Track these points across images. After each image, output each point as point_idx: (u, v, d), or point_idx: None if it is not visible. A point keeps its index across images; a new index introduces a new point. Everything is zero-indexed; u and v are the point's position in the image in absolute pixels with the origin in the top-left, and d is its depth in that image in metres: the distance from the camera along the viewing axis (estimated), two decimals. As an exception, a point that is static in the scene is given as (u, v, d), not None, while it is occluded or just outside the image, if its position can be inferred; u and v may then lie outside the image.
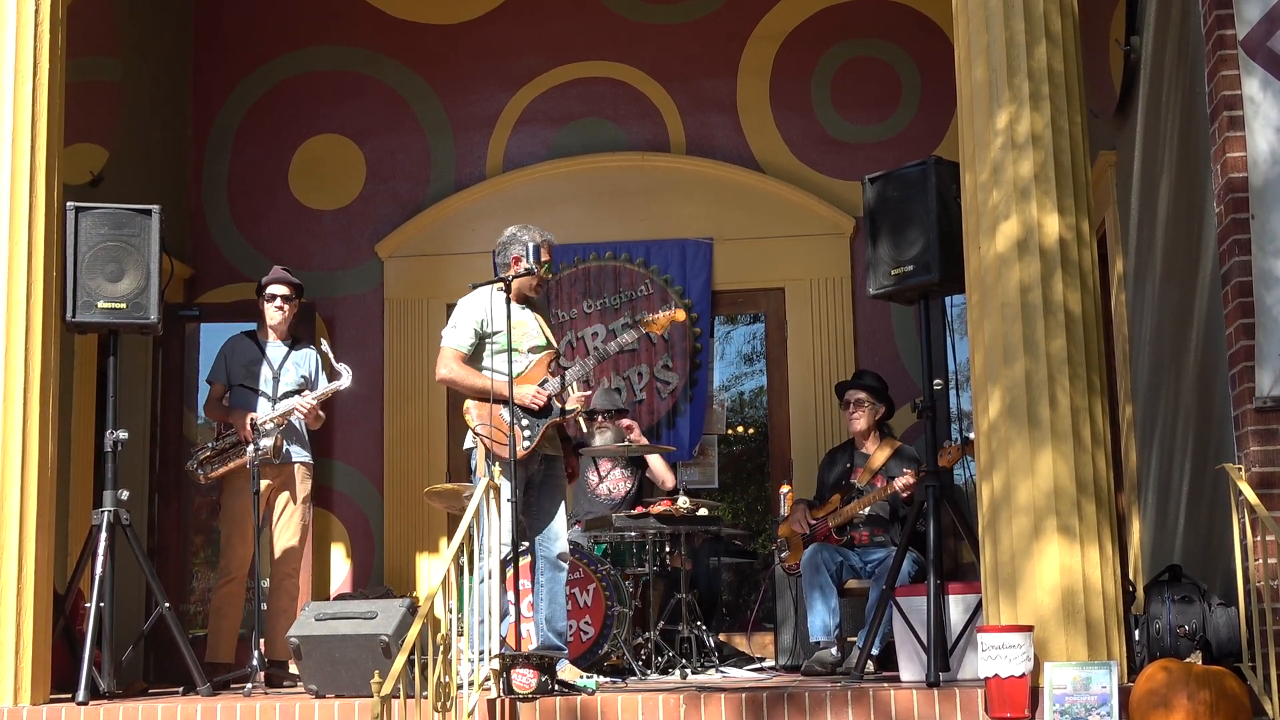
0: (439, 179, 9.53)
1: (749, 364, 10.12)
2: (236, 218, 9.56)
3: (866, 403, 7.39)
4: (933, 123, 8.98)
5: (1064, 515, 5.18)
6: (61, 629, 6.27)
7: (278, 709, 5.55)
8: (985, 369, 5.41)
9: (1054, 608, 5.13)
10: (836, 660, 6.81)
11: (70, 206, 6.37)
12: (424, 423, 9.22)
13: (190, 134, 9.63)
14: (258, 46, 9.66)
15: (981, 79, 5.52)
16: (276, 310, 7.31)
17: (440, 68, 9.58)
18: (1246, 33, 5.55)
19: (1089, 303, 5.37)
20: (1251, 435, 5.40)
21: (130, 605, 7.85)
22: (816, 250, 9.14)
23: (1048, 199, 5.37)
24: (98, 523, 6.32)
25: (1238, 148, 5.52)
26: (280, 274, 7.38)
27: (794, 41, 9.41)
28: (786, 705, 5.25)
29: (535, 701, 5.34)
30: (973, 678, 5.53)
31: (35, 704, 5.79)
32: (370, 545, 9.17)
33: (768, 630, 8.21)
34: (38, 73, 6.12)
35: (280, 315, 7.31)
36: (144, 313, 6.44)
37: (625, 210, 9.30)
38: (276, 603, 7.21)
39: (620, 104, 9.47)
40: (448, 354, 6.39)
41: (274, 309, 7.31)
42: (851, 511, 7.20)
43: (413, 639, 4.89)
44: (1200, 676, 4.85)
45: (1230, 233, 5.52)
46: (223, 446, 7.13)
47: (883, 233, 6.17)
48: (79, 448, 7.85)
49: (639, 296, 9.18)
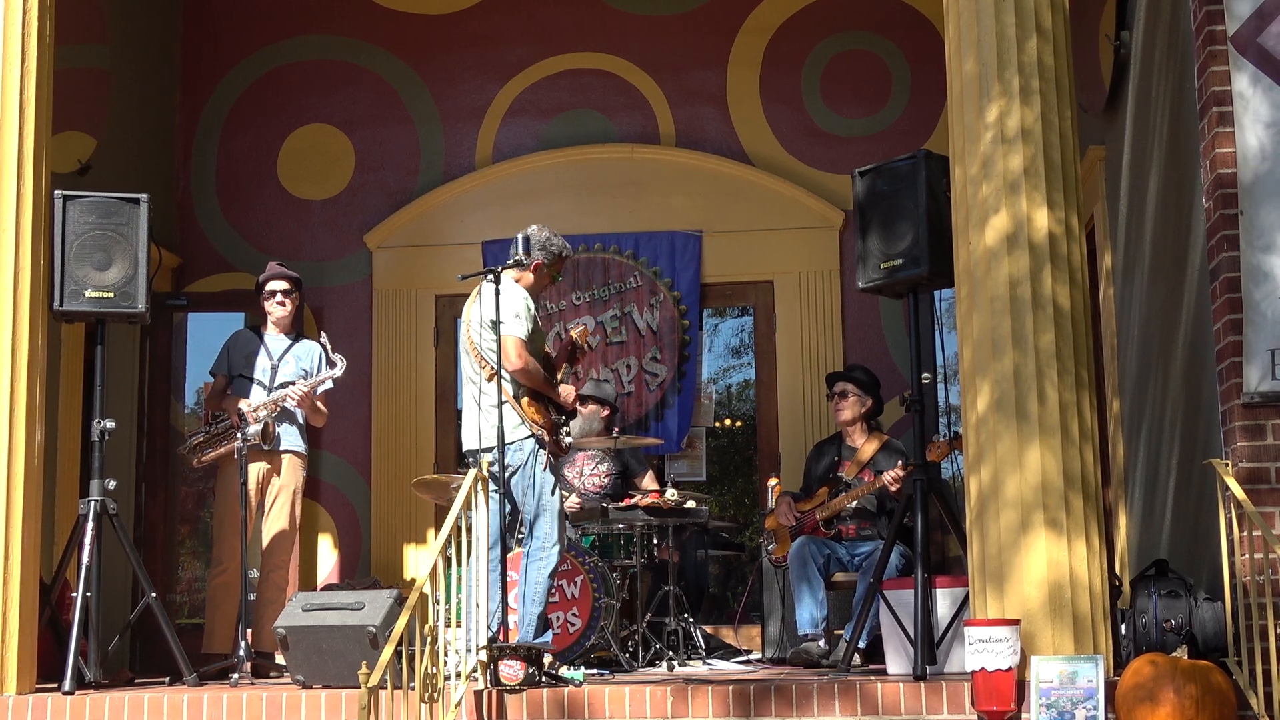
0: (428, 170, 9.52)
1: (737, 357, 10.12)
2: (225, 207, 9.54)
3: (853, 394, 7.39)
4: (923, 116, 8.98)
5: (1051, 509, 5.19)
6: (48, 619, 6.25)
7: (264, 699, 5.55)
8: (974, 363, 5.42)
9: (1041, 601, 5.14)
10: (823, 653, 6.82)
11: (58, 195, 6.35)
12: (412, 413, 9.21)
13: (179, 123, 9.60)
14: (247, 35, 9.63)
15: (972, 73, 5.52)
16: (278, 305, 7.37)
17: (430, 58, 9.56)
18: (1236, 28, 5.56)
19: (1078, 297, 5.38)
20: (1239, 430, 5.41)
21: (117, 595, 7.83)
22: (806, 243, 9.14)
23: (1037, 193, 5.37)
24: (84, 512, 6.31)
25: (1227, 143, 5.53)
26: (278, 270, 7.42)
27: (784, 34, 9.40)
28: (773, 697, 5.26)
29: (522, 693, 5.34)
30: (959, 671, 5.54)
31: (21, 694, 5.78)
32: (357, 536, 9.17)
33: (755, 623, 8.22)
34: (26, 60, 6.10)
35: (282, 310, 7.37)
36: (132, 302, 6.43)
37: (614, 202, 9.29)
38: (265, 593, 7.20)
39: (610, 95, 9.46)
40: (520, 344, 6.26)
41: (275, 305, 7.37)
42: (839, 505, 7.20)
43: (400, 630, 4.89)
44: (1187, 671, 4.87)
45: (1219, 228, 5.53)
46: (215, 432, 7.15)
47: (872, 226, 6.17)
48: (66, 437, 7.84)
49: (628, 288, 9.18)
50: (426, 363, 9.29)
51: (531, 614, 6.16)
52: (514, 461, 6.24)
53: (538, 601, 6.18)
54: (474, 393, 6.38)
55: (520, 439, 6.25)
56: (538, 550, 6.23)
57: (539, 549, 6.23)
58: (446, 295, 9.22)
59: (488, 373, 6.28)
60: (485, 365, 6.31)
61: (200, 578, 8.95)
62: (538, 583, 6.20)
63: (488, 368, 6.28)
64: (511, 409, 6.23)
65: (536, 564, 6.22)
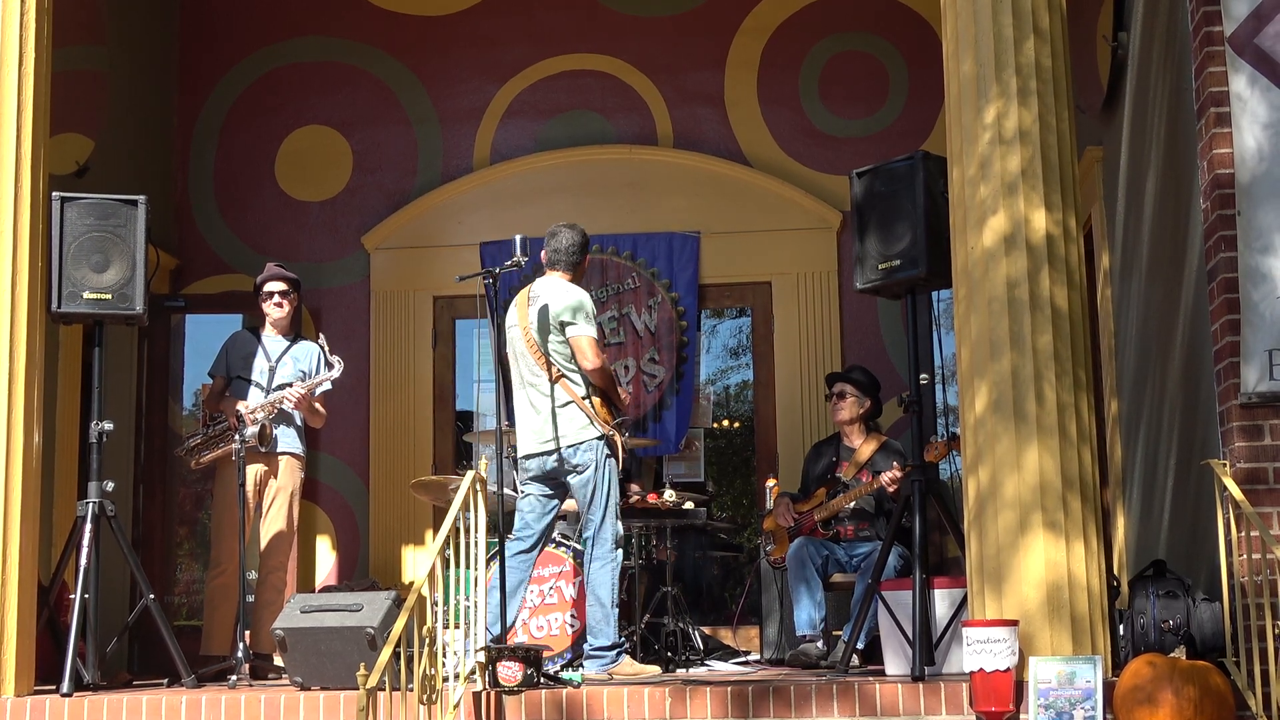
0: (426, 171, 9.51)
1: (735, 358, 10.11)
2: (222, 209, 9.53)
3: (851, 395, 7.39)
4: (921, 117, 8.98)
5: (1050, 510, 5.19)
6: (46, 621, 6.24)
7: (262, 701, 5.54)
8: (972, 364, 5.42)
9: (1039, 602, 5.14)
10: (822, 654, 6.82)
11: (55, 196, 6.34)
12: (410, 415, 9.21)
13: (176, 124, 9.60)
14: (245, 37, 9.63)
15: (970, 74, 5.52)
16: (276, 307, 7.36)
17: (428, 59, 9.56)
18: (1234, 29, 5.56)
19: (1076, 298, 5.38)
20: (1236, 431, 5.42)
21: (115, 597, 7.83)
22: (803, 244, 9.14)
23: (1035, 194, 5.38)
24: (82, 514, 6.30)
25: (1224, 144, 5.53)
26: (276, 271, 7.41)
27: (782, 35, 9.40)
28: (772, 698, 5.26)
29: (521, 694, 5.34)
30: (958, 672, 5.53)
31: (19, 695, 5.78)
32: (355, 537, 9.16)
33: (753, 624, 8.21)
34: (23, 62, 6.10)
35: (280, 311, 7.37)
36: (129, 303, 6.42)
37: (612, 203, 9.28)
38: (263, 595, 7.20)
39: (608, 97, 9.46)
40: (594, 343, 6.30)
41: (273, 306, 7.36)
42: (837, 505, 7.20)
43: (398, 631, 4.89)
44: (1185, 672, 4.87)
45: (1216, 229, 5.53)
46: (213, 434, 7.14)
47: (870, 227, 6.17)
48: (64, 439, 7.83)
49: (625, 289, 9.18)
50: (424, 364, 9.28)
51: (612, 615, 6.22)
52: (583, 462, 6.24)
53: (613, 601, 6.23)
54: (532, 395, 6.36)
55: (590, 439, 6.25)
56: (607, 553, 6.26)
57: (608, 551, 6.27)
58: (444, 297, 9.22)
59: (553, 374, 6.28)
60: (549, 367, 6.30)
61: (198, 579, 8.93)
62: (612, 584, 6.23)
63: (552, 369, 6.29)
64: (579, 409, 6.24)
65: (608, 565, 6.25)
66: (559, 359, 6.27)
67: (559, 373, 6.26)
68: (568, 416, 6.25)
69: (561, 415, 6.24)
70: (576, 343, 6.24)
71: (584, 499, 6.28)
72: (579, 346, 6.24)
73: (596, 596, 6.25)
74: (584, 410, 6.24)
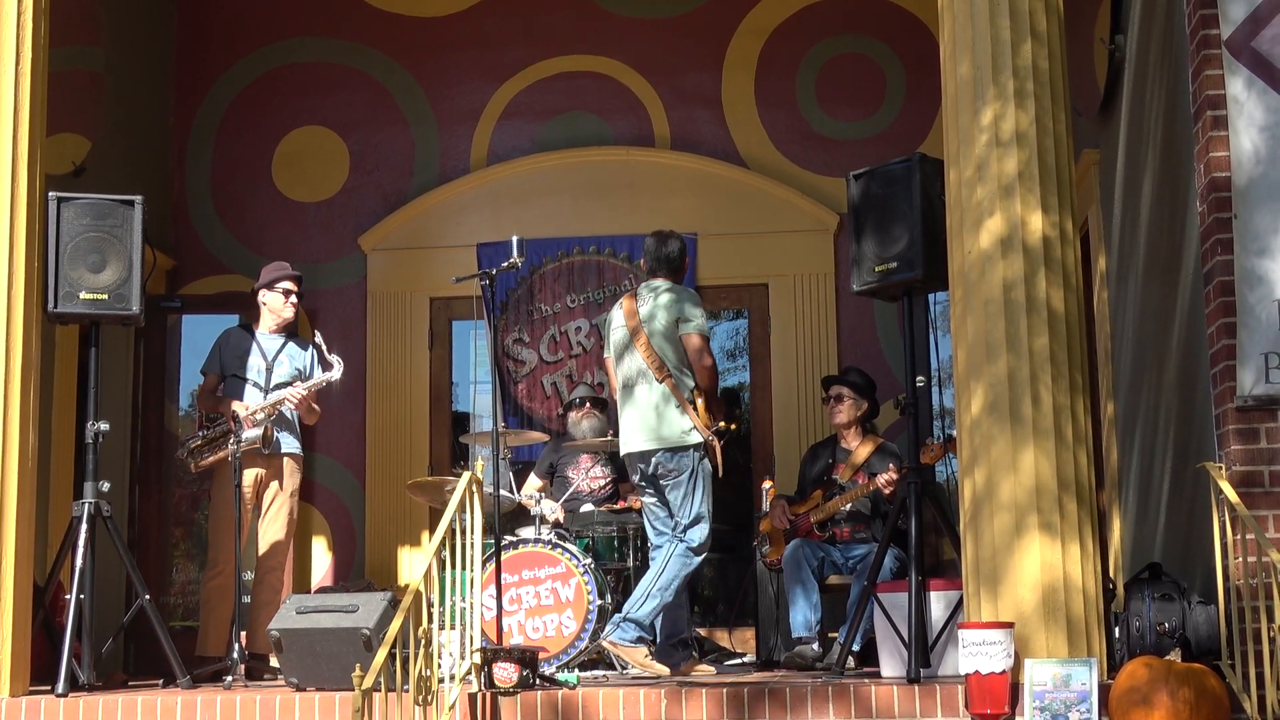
0: (423, 172, 9.51)
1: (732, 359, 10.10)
2: (219, 209, 9.53)
3: (848, 397, 7.39)
4: (917, 119, 8.99)
5: (1045, 512, 5.19)
6: (41, 621, 6.24)
7: (258, 702, 5.54)
8: (968, 366, 5.42)
9: (1035, 604, 5.14)
10: (817, 656, 6.82)
11: (52, 197, 6.34)
12: (406, 416, 9.21)
13: (173, 125, 9.60)
14: (242, 37, 9.63)
15: (967, 76, 5.52)
16: (289, 305, 7.38)
17: (425, 60, 9.56)
18: (1231, 32, 5.57)
19: (1072, 300, 5.38)
20: (1232, 434, 5.42)
21: (110, 597, 7.82)
22: (800, 246, 9.14)
23: (1032, 196, 5.38)
24: (78, 514, 6.29)
25: (1221, 147, 5.53)
26: (289, 270, 7.41)
27: (779, 37, 9.41)
28: (768, 700, 5.26)
29: (516, 696, 5.33)
30: (953, 674, 5.53)
31: (14, 696, 5.77)
32: (351, 538, 9.16)
33: (749, 625, 8.21)
34: (20, 61, 6.09)
35: (292, 310, 7.40)
36: (126, 304, 6.42)
37: (609, 205, 9.29)
38: (259, 596, 7.19)
39: (605, 98, 9.46)
40: (708, 343, 6.50)
41: (288, 305, 7.38)
42: (833, 507, 7.20)
43: (394, 632, 4.88)
44: (1181, 674, 4.87)
45: (1213, 232, 5.53)
46: (212, 436, 7.12)
47: (867, 229, 6.17)
48: (59, 439, 7.82)
49: (622, 291, 9.16)
50: (421, 365, 9.28)
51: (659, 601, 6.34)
52: (681, 466, 6.41)
53: (670, 592, 6.36)
54: (640, 394, 6.50)
55: (688, 447, 6.43)
56: (687, 551, 6.43)
57: (689, 550, 6.43)
58: (441, 298, 9.22)
59: (662, 374, 6.44)
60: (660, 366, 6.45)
61: (194, 580, 8.93)
62: (676, 576, 6.39)
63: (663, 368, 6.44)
64: (683, 412, 6.39)
65: (683, 561, 6.42)
66: (670, 358, 6.46)
67: (667, 373, 6.43)
68: (671, 419, 6.42)
69: (666, 416, 6.41)
70: (690, 340, 6.45)
71: (674, 501, 6.47)
72: (692, 344, 6.44)
73: (659, 578, 6.39)
74: (688, 413, 6.41)
